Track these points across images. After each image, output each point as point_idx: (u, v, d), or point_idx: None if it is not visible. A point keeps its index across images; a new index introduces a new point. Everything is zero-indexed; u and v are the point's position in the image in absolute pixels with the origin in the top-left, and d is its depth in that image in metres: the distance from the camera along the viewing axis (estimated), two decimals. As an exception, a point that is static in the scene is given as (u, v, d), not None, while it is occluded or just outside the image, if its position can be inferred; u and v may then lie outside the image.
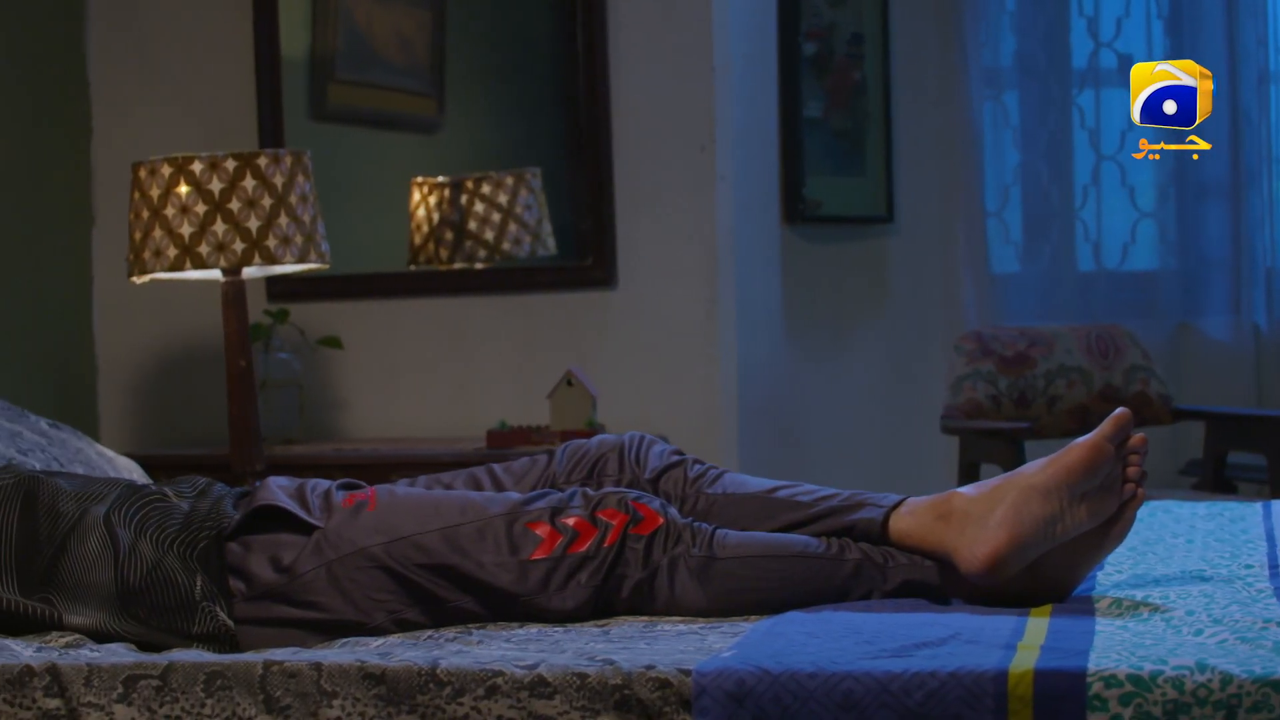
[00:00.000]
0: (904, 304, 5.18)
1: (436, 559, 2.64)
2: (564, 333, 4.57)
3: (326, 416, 4.68)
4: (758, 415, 4.56)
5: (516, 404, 4.53)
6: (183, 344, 4.74)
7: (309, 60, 4.81)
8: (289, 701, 2.28)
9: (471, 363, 4.63)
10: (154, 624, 2.66)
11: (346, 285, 4.70)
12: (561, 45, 4.79)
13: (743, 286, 4.52)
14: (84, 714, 2.32)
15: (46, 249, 4.58)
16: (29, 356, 4.41)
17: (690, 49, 4.44)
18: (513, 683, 2.24)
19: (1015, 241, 5.29)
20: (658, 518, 2.65)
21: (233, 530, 2.71)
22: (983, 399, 4.55)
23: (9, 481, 2.80)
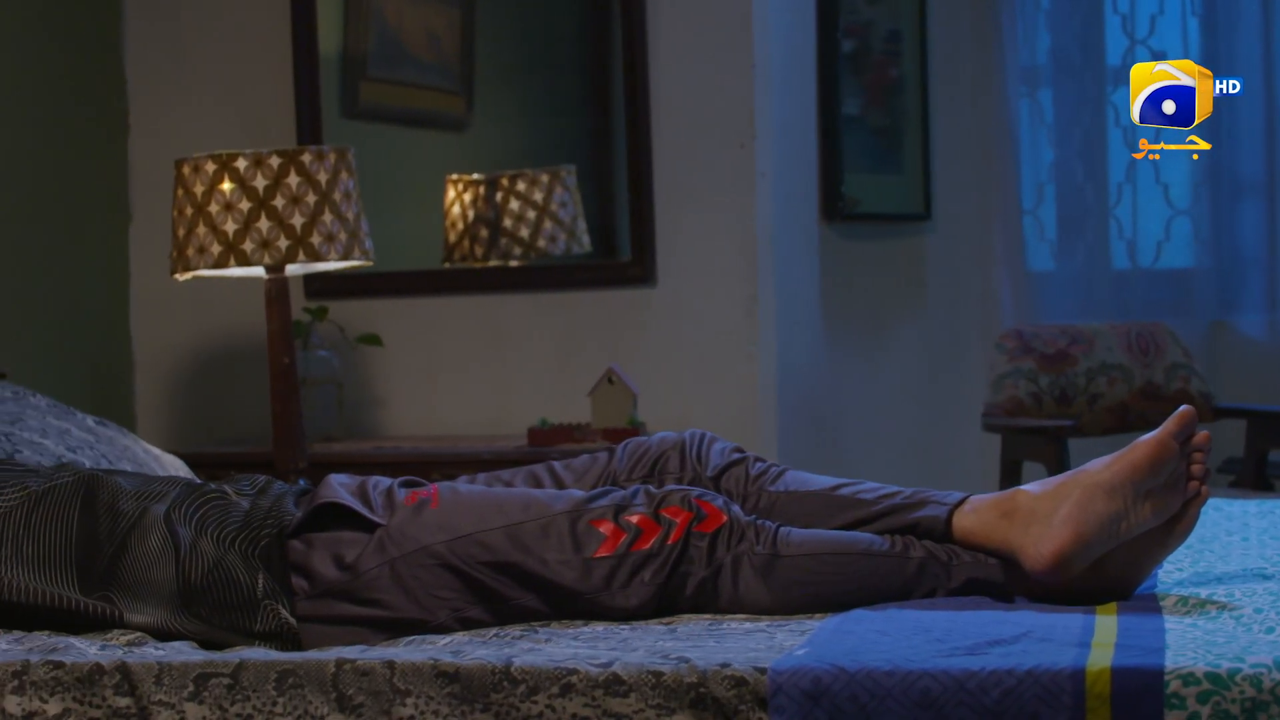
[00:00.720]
0: (941, 302, 5.17)
1: (500, 557, 2.63)
2: (603, 330, 4.55)
3: (364, 414, 4.67)
4: (796, 413, 4.54)
5: (555, 402, 4.52)
6: (219, 341, 4.73)
7: (341, 58, 4.80)
8: (361, 700, 2.27)
9: (510, 361, 4.62)
10: (215, 622, 2.65)
11: (385, 283, 4.68)
12: (590, 43, 4.79)
13: (782, 284, 4.51)
14: (154, 713, 2.31)
15: (84, 246, 4.58)
16: (67, 354, 4.40)
17: (730, 46, 4.42)
18: (587, 681, 2.23)
19: (1050, 239, 5.28)
20: (721, 515, 2.64)
21: (295, 528, 2.70)
22: (1024, 397, 4.54)
23: (68, 480, 2.79)
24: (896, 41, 4.91)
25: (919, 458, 5.01)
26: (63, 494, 2.76)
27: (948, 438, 5.09)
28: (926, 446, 5.08)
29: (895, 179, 4.99)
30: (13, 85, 4.28)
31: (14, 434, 3.38)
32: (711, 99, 4.45)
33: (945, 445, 5.10)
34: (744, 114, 4.43)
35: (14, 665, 2.35)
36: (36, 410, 3.55)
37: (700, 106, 4.47)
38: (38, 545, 2.71)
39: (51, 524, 2.73)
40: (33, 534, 2.72)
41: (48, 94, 4.41)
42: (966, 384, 5.07)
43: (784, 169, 4.56)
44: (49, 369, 4.25)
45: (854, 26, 4.83)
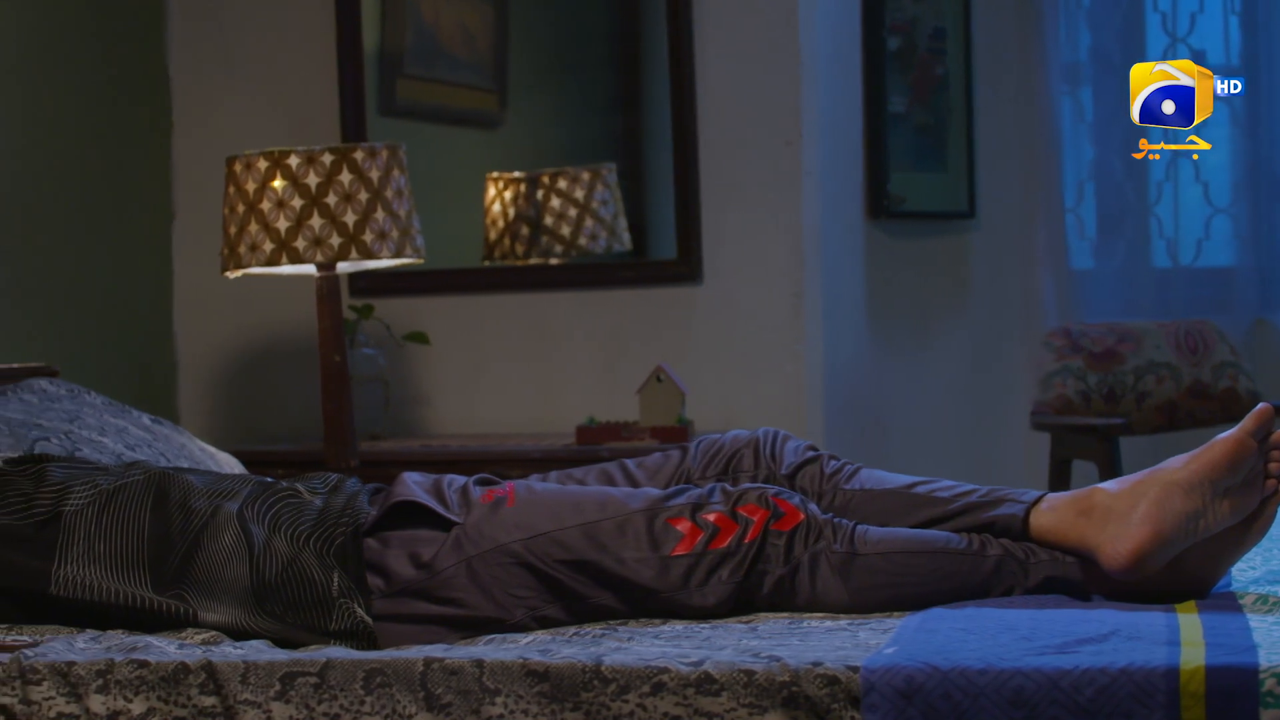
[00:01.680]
0: (984, 300, 5.16)
1: (577, 555, 2.62)
2: (648, 329, 4.54)
3: (409, 412, 4.66)
4: (842, 411, 4.53)
5: (601, 400, 4.50)
6: (263, 339, 4.72)
7: (378, 55, 4.79)
8: (450, 699, 2.26)
9: (555, 358, 4.61)
10: (290, 620, 2.64)
11: (430, 280, 4.67)
12: (621, 42, 4.78)
13: (828, 282, 4.50)
14: (240, 712, 2.29)
15: (128, 244, 4.56)
16: (110, 352, 4.39)
17: (776, 44, 4.41)
18: (679, 680, 2.22)
19: (1090, 237, 5.26)
20: (799, 513, 2.62)
21: (370, 526, 2.69)
22: (1072, 395, 4.53)
23: (139, 478, 2.78)
24: (941, 39, 4.89)
25: (964, 456, 4.99)
26: (134, 492, 2.75)
27: (992, 436, 5.07)
28: (971, 445, 5.06)
29: (939, 177, 4.97)
30: (58, 83, 4.27)
31: (73, 432, 3.37)
32: (757, 97, 4.44)
33: (989, 444, 5.08)
34: (790, 112, 4.42)
35: (98, 664, 2.34)
36: (93, 408, 3.54)
37: (746, 104, 4.45)
38: (110, 543, 2.70)
39: (123, 522, 2.72)
40: (104, 532, 2.71)
41: (92, 92, 4.40)
42: (1009, 382, 5.06)
43: (830, 167, 4.54)
44: (94, 367, 4.24)
45: (899, 24, 4.82)
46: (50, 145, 4.26)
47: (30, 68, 4.20)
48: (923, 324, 5.05)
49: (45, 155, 4.24)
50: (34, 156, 4.21)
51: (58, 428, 3.36)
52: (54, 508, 2.73)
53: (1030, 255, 5.16)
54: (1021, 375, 5.05)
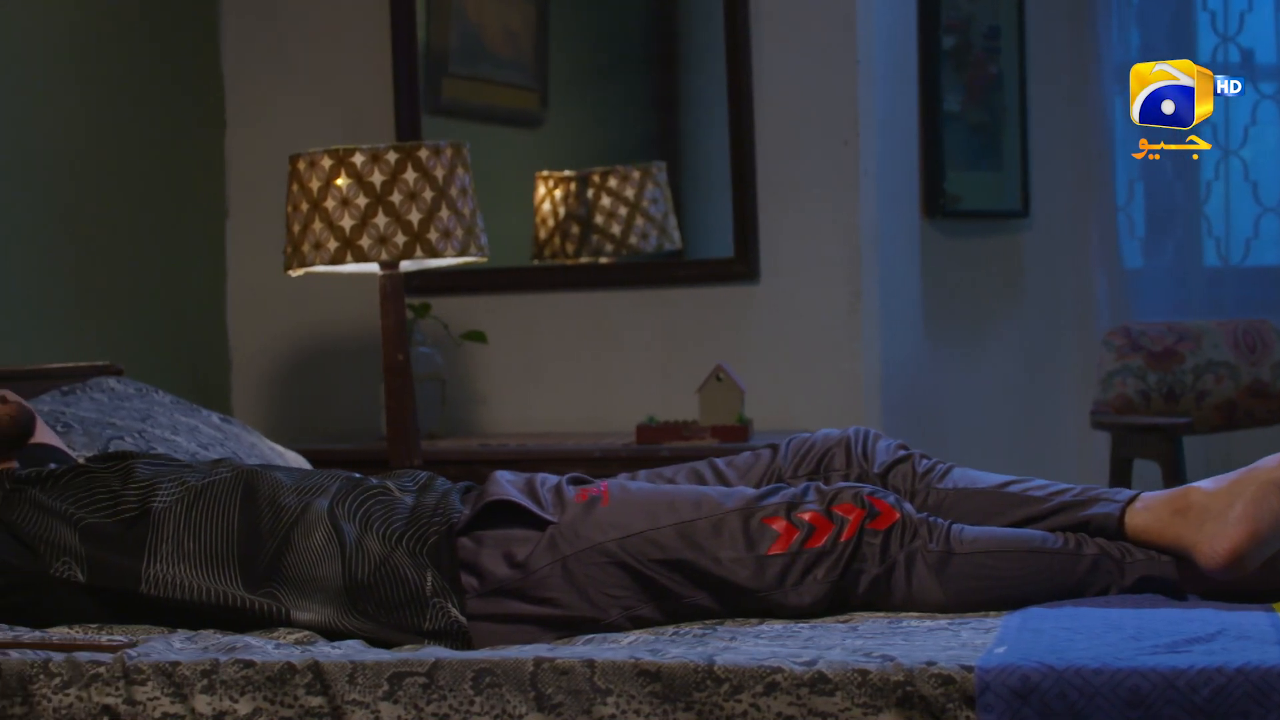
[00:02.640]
0: (1038, 298, 5.14)
1: (672, 554, 2.61)
2: (705, 327, 4.52)
3: (465, 411, 4.64)
4: (899, 410, 4.51)
5: (657, 399, 4.49)
6: (316, 338, 4.71)
7: (425, 55, 4.78)
8: (561, 699, 2.24)
9: (610, 357, 4.59)
10: (383, 620, 2.62)
11: (485, 279, 4.65)
12: (661, 40, 4.77)
13: (885, 281, 4.48)
14: (348, 712, 2.28)
15: (182, 243, 4.55)
16: (164, 351, 4.38)
17: (834, 42, 4.39)
18: (792, 679, 2.20)
19: (1139, 236, 5.25)
20: (894, 513, 2.61)
21: (464, 525, 2.67)
22: (1132, 394, 4.51)
23: (227, 475, 2.76)
24: (995, 38, 4.88)
25: (1018, 455, 4.97)
26: (223, 489, 2.73)
27: (1046, 435, 5.06)
28: (1026, 444, 5.05)
29: (994, 176, 4.96)
30: (114, 82, 4.26)
31: (146, 431, 3.36)
32: (815, 95, 4.42)
33: (1045, 443, 5.06)
34: (848, 111, 4.40)
35: (203, 664, 2.32)
36: (163, 406, 3.53)
37: (804, 103, 4.44)
38: (199, 541, 2.68)
39: (213, 520, 2.70)
40: (194, 530, 2.69)
41: (146, 90, 4.38)
42: (1063, 381, 5.05)
43: (886, 166, 4.53)
44: (149, 366, 4.22)
45: (954, 22, 4.81)
46: (107, 144, 4.24)
47: (88, 67, 4.19)
48: (976, 323, 5.04)
49: (102, 154, 4.23)
50: (92, 156, 4.19)
51: (131, 426, 3.35)
52: (142, 505, 2.71)
53: (1083, 254, 5.15)
54: (1075, 374, 5.03)
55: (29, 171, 3.98)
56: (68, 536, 2.68)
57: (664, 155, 4.79)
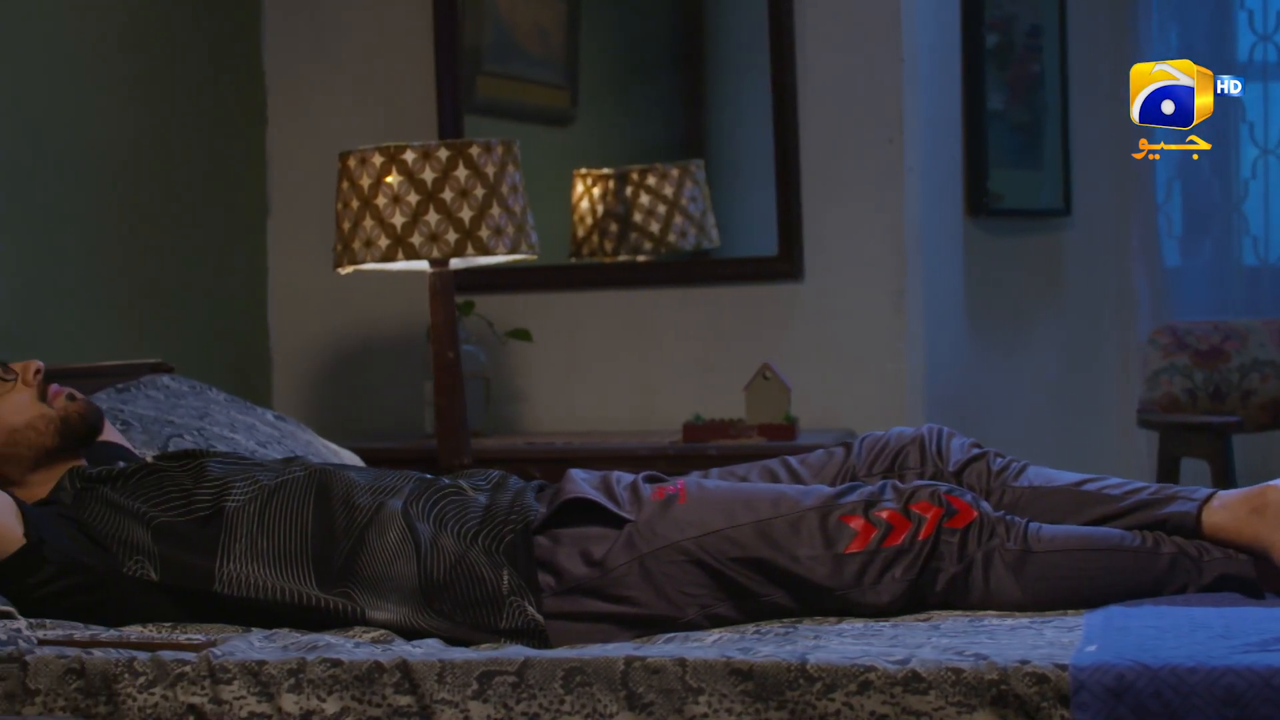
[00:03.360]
0: (1079, 297, 5.13)
1: (750, 553, 2.60)
2: (749, 325, 4.51)
3: (508, 409, 4.62)
4: (943, 409, 4.50)
5: (701, 397, 4.48)
6: (358, 336, 4.69)
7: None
8: (652, 698, 2.23)
9: (654, 355, 4.57)
10: (459, 619, 2.61)
11: (527, 277, 4.63)
12: (689, 41, 4.77)
13: (929, 280, 4.47)
14: (437, 711, 2.26)
15: (223, 240, 4.54)
16: (206, 348, 4.36)
17: (879, 40, 4.38)
18: (885, 678, 2.19)
19: (1177, 235, 5.24)
20: (971, 511, 2.60)
21: (541, 523, 2.66)
22: (1179, 393, 4.51)
23: (300, 474, 2.75)
24: (1037, 36, 4.87)
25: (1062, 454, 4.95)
26: (296, 488, 2.72)
27: (1088, 434, 5.05)
28: (1068, 443, 5.04)
29: (1036, 174, 4.96)
30: (156, 79, 4.24)
31: (205, 428, 3.35)
32: (860, 94, 4.41)
33: (1086, 441, 5.05)
34: (893, 109, 4.39)
35: (289, 663, 2.31)
36: (218, 404, 3.51)
37: (848, 101, 4.42)
38: (272, 540, 2.67)
39: (286, 519, 2.69)
40: (267, 529, 2.68)
41: (189, 88, 4.37)
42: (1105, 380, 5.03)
43: (930, 164, 4.52)
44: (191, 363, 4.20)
45: (997, 21, 4.80)
46: (152, 142, 4.23)
47: (134, 66, 4.17)
48: (1018, 322, 5.03)
49: (147, 152, 4.21)
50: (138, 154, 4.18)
51: (189, 424, 3.34)
52: (215, 504, 2.70)
53: (1124, 253, 5.14)
54: (1116, 373, 5.02)
55: (79, 170, 3.97)
56: (140, 535, 2.67)
57: (693, 153, 4.78)
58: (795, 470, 2.87)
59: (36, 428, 2.82)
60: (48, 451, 2.82)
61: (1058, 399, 5.06)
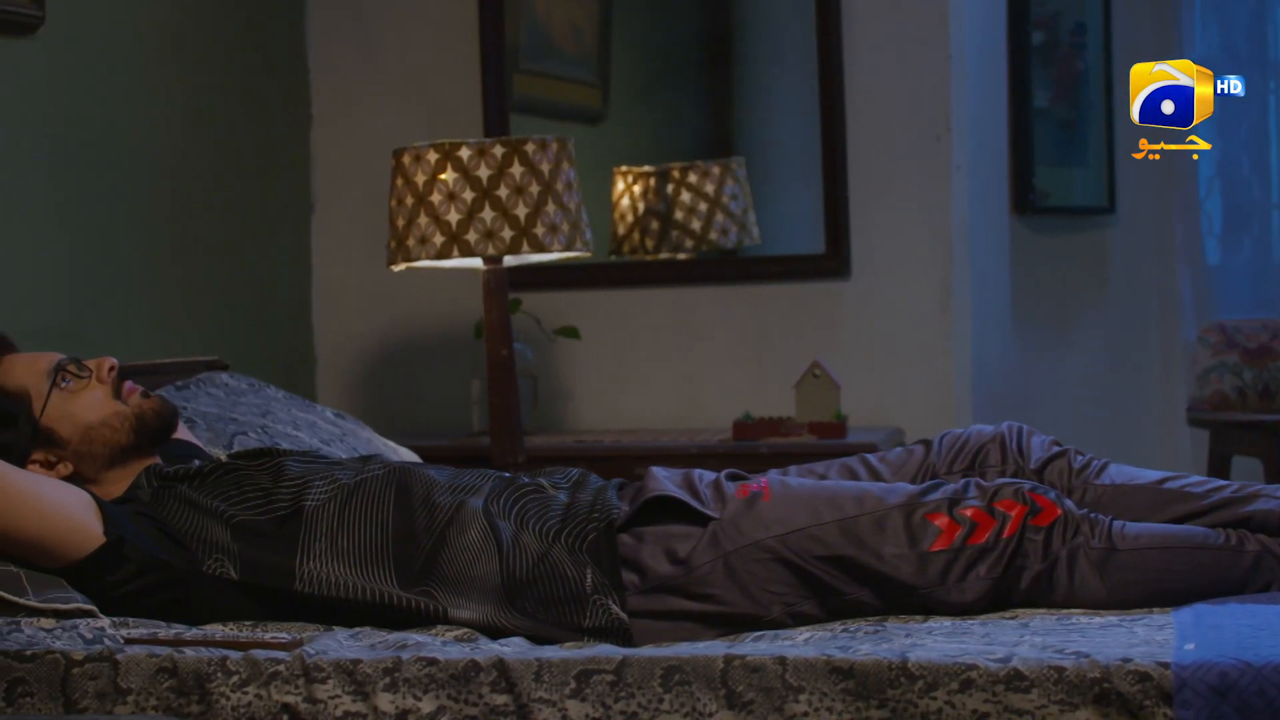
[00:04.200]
0: (1122, 295, 5.12)
1: (835, 551, 2.59)
2: (796, 323, 4.50)
3: (554, 407, 4.61)
4: (989, 407, 4.50)
5: (748, 395, 4.47)
6: (403, 334, 4.68)
7: (497, 50, 4.77)
8: (752, 696, 2.22)
9: (700, 353, 4.56)
10: (541, 617, 2.60)
11: (574, 274, 4.62)
12: (720, 40, 4.78)
13: (976, 278, 4.46)
14: (535, 710, 2.25)
15: (267, 237, 4.52)
16: (251, 346, 4.34)
17: (927, 38, 4.38)
18: (987, 676, 2.18)
19: (1216, 234, 5.24)
20: (1055, 509, 2.59)
21: (624, 521, 2.65)
22: (1229, 391, 4.51)
23: (379, 473, 2.74)
24: (1081, 34, 4.87)
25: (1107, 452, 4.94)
26: (376, 487, 2.71)
27: (1132, 431, 5.04)
28: (1114, 441, 5.02)
29: (1080, 172, 4.95)
30: (203, 79, 4.22)
31: (268, 426, 3.33)
32: (907, 91, 4.41)
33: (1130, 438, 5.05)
34: (941, 106, 4.38)
35: (385, 662, 2.30)
36: (278, 402, 3.50)
37: (896, 98, 4.42)
38: (353, 539, 2.66)
39: (366, 517, 2.68)
40: (347, 528, 2.67)
41: (232, 86, 4.35)
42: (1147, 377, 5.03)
43: (978, 162, 4.51)
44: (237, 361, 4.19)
45: (1042, 19, 4.80)
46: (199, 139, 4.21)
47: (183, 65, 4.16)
48: (1062, 319, 5.02)
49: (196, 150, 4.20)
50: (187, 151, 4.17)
51: (252, 422, 3.32)
52: (294, 503, 2.69)
53: (1166, 250, 5.13)
54: (1158, 370, 5.01)
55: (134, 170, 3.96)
56: (219, 533, 2.66)
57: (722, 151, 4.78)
58: (875, 468, 2.86)
59: (112, 425, 2.81)
60: (123, 449, 2.81)
61: (1101, 397, 5.05)
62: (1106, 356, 5.10)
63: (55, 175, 3.68)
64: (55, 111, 3.68)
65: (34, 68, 3.60)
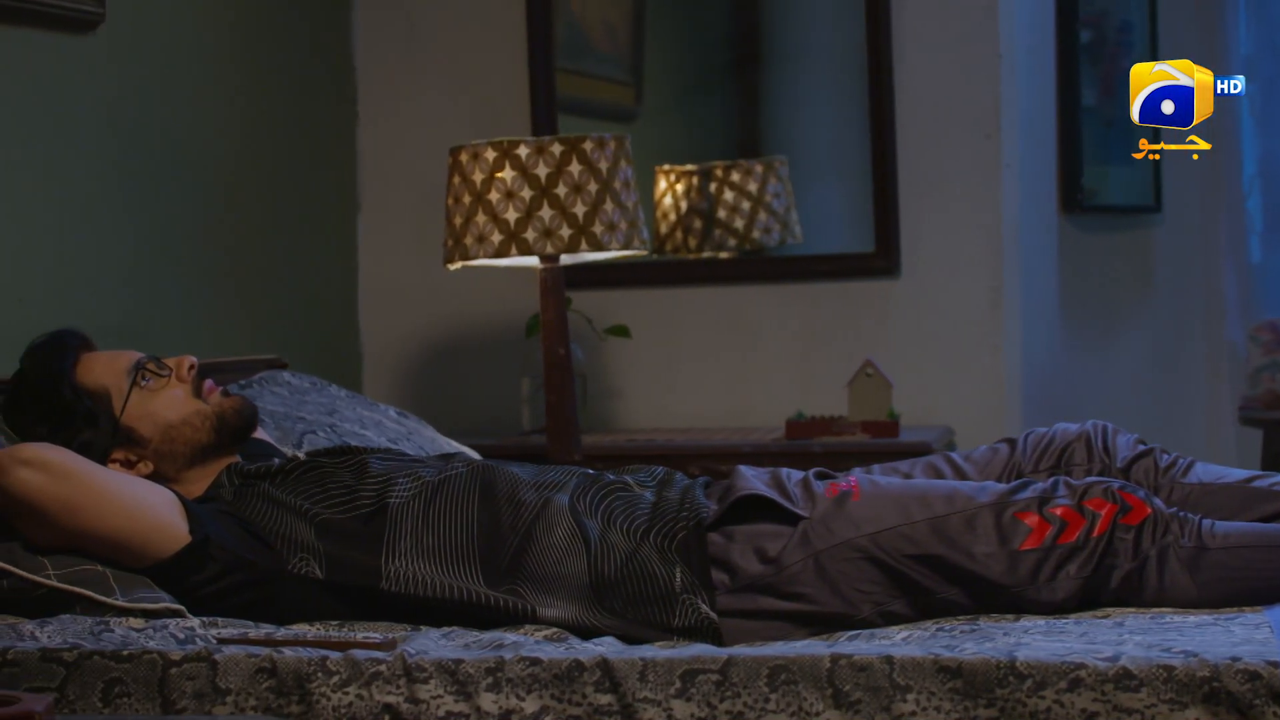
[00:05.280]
0: (1168, 293, 5.11)
1: (925, 549, 2.58)
2: (845, 322, 4.49)
3: (602, 406, 4.60)
4: (1039, 406, 4.49)
5: (797, 393, 4.45)
6: (450, 333, 4.67)
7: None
8: (859, 696, 2.21)
9: (750, 352, 4.55)
10: (630, 616, 2.59)
11: (623, 273, 4.60)
12: (751, 40, 4.78)
13: (1026, 277, 4.45)
14: (639, 710, 2.24)
15: (314, 237, 4.50)
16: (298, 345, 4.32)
17: (976, 36, 4.36)
18: (1096, 675, 2.17)
19: (1259, 231, 5.23)
20: (1145, 507, 2.59)
21: (713, 520, 2.64)
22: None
23: (463, 470, 2.73)
24: (1128, 32, 4.86)
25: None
26: (459, 485, 2.70)
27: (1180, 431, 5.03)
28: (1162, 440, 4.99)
29: (1126, 170, 4.94)
30: (254, 79, 4.21)
31: (336, 425, 3.32)
32: (957, 89, 4.39)
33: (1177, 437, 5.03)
34: (990, 105, 4.37)
35: (487, 662, 2.28)
36: (342, 400, 3.49)
37: (945, 97, 4.41)
38: (438, 537, 2.65)
39: (451, 515, 2.67)
40: (432, 526, 2.66)
41: (283, 86, 4.33)
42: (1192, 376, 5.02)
43: (1027, 160, 4.50)
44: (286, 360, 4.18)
45: (1090, 17, 4.78)
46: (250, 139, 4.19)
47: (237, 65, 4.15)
48: (1109, 318, 5.01)
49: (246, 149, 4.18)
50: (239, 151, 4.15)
51: (320, 420, 3.31)
52: (379, 501, 2.68)
53: (1211, 249, 5.12)
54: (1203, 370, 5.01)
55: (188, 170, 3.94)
56: (304, 532, 2.65)
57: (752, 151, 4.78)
58: (960, 467, 2.85)
59: (192, 424, 2.80)
60: (204, 448, 2.80)
61: (1147, 396, 5.04)
62: (1153, 355, 5.09)
63: (115, 172, 3.67)
64: (115, 108, 3.67)
65: (95, 65, 3.59)
